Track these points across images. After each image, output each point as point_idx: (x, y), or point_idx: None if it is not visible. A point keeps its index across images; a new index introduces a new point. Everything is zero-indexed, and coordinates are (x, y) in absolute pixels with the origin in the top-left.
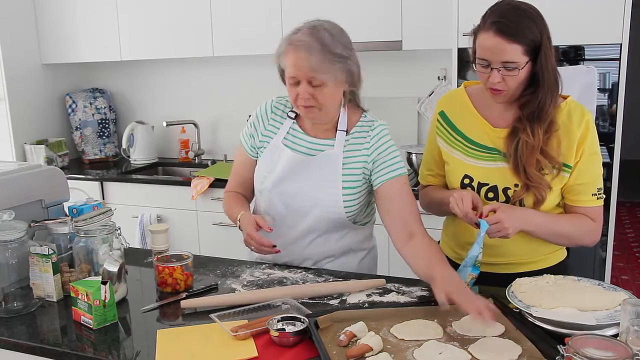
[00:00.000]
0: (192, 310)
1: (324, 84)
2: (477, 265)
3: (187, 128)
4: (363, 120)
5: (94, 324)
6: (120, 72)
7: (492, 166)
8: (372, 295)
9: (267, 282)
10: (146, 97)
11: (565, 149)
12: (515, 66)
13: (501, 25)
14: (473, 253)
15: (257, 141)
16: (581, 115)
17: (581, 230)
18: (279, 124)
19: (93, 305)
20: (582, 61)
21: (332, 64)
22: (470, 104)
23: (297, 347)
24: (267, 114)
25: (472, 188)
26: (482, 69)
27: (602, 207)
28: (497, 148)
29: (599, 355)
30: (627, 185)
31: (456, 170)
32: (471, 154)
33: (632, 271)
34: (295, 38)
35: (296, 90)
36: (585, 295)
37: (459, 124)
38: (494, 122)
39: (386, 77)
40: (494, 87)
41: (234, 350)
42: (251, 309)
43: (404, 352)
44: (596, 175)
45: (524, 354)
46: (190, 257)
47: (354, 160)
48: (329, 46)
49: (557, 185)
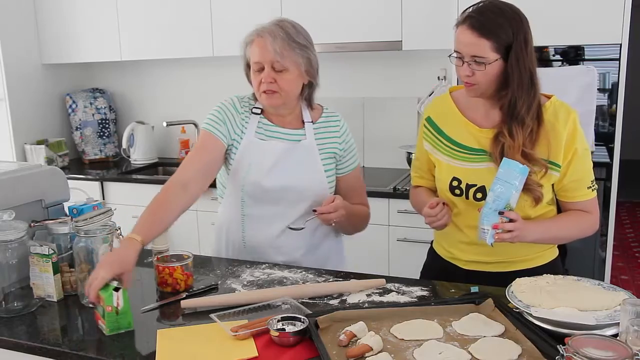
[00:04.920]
0: (192, 310)
1: (286, 69)
2: (509, 209)
3: (187, 128)
4: (327, 112)
5: (107, 329)
6: (120, 72)
7: (479, 167)
8: (372, 295)
9: (267, 282)
10: (146, 97)
11: (553, 148)
12: (483, 61)
13: (474, 20)
14: (506, 194)
15: (231, 130)
16: (567, 114)
17: (580, 228)
18: (247, 121)
19: (106, 311)
20: (582, 61)
21: (293, 50)
22: (456, 108)
23: (297, 347)
24: (237, 108)
25: (460, 190)
26: (457, 62)
27: (596, 198)
28: (484, 149)
29: (599, 355)
30: (626, 185)
31: (444, 173)
32: (458, 156)
33: (632, 271)
34: (261, 27)
35: (260, 77)
36: (585, 295)
37: (445, 128)
38: (479, 123)
39: (386, 77)
40: (465, 80)
41: (234, 350)
42: (251, 309)
43: (404, 352)
44: (588, 169)
45: (524, 354)
46: (190, 257)
47: (327, 147)
48: (291, 35)
49: (547, 183)
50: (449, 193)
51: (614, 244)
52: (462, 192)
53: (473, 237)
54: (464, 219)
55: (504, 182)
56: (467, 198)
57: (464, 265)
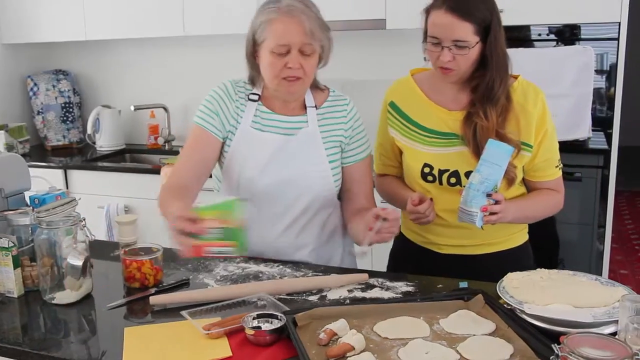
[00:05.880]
0: (161, 307)
1: (314, 52)
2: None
3: (156, 112)
4: (333, 95)
5: (241, 248)
6: (85, 52)
7: (451, 151)
8: (354, 290)
9: (241, 276)
10: (113, 80)
11: (523, 128)
12: (466, 45)
13: (452, 3)
14: (495, 176)
15: (225, 122)
16: (535, 94)
17: (551, 206)
18: (242, 109)
19: (232, 228)
20: (578, 41)
21: (323, 31)
22: (420, 91)
23: (273, 346)
24: (231, 95)
25: (432, 176)
26: (433, 47)
27: (561, 176)
28: (455, 132)
29: (596, 355)
30: (626, 174)
31: (414, 160)
32: (428, 141)
33: (632, 265)
34: (285, 4)
35: (283, 61)
36: (581, 291)
37: (410, 113)
38: (448, 105)
39: (368, 59)
40: (444, 66)
41: (206, 349)
42: (225, 305)
43: (388, 351)
44: (556, 148)
45: (516, 353)
46: (159, 250)
47: (332, 134)
48: (319, 14)
49: (519, 164)
50: (420, 180)
51: (612, 236)
52: (434, 178)
53: (451, 221)
54: (438, 203)
55: (491, 164)
56: (441, 184)
57: (440, 250)
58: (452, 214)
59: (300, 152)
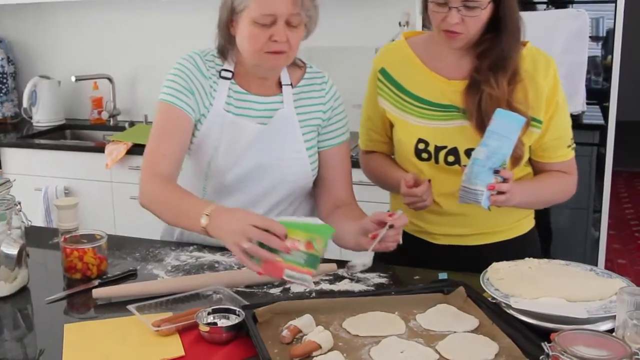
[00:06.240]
0: (106, 300)
1: (301, 23)
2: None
3: (100, 84)
4: (310, 72)
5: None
6: (20, 16)
7: (450, 126)
8: (321, 282)
9: (195, 267)
10: (51, 48)
11: (532, 101)
12: (477, 5)
13: None
14: (503, 150)
15: (200, 103)
16: (546, 65)
17: (563, 191)
18: (215, 87)
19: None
20: (571, 4)
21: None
22: (416, 58)
23: (231, 344)
24: (203, 71)
25: (428, 153)
26: (438, 7)
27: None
28: (455, 104)
29: (591, 354)
30: (624, 152)
31: (407, 134)
32: (424, 114)
33: (630, 254)
34: None
35: (267, 33)
36: (574, 283)
37: (405, 82)
38: (447, 74)
39: (339, 24)
40: (451, 29)
41: (156, 348)
42: (177, 299)
43: (359, 350)
44: (568, 125)
45: (502, 352)
46: (104, 237)
47: (310, 116)
48: None
49: (527, 142)
50: (414, 158)
51: (609, 222)
52: (430, 155)
53: (447, 207)
54: (433, 185)
55: (500, 136)
56: (437, 162)
57: (435, 240)
58: (449, 198)
59: (277, 139)
